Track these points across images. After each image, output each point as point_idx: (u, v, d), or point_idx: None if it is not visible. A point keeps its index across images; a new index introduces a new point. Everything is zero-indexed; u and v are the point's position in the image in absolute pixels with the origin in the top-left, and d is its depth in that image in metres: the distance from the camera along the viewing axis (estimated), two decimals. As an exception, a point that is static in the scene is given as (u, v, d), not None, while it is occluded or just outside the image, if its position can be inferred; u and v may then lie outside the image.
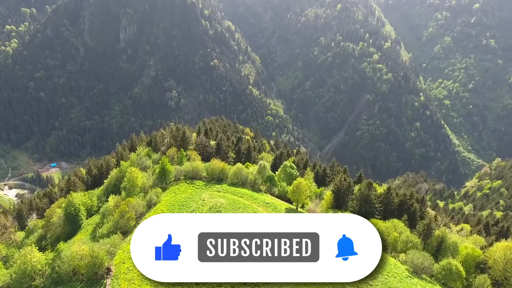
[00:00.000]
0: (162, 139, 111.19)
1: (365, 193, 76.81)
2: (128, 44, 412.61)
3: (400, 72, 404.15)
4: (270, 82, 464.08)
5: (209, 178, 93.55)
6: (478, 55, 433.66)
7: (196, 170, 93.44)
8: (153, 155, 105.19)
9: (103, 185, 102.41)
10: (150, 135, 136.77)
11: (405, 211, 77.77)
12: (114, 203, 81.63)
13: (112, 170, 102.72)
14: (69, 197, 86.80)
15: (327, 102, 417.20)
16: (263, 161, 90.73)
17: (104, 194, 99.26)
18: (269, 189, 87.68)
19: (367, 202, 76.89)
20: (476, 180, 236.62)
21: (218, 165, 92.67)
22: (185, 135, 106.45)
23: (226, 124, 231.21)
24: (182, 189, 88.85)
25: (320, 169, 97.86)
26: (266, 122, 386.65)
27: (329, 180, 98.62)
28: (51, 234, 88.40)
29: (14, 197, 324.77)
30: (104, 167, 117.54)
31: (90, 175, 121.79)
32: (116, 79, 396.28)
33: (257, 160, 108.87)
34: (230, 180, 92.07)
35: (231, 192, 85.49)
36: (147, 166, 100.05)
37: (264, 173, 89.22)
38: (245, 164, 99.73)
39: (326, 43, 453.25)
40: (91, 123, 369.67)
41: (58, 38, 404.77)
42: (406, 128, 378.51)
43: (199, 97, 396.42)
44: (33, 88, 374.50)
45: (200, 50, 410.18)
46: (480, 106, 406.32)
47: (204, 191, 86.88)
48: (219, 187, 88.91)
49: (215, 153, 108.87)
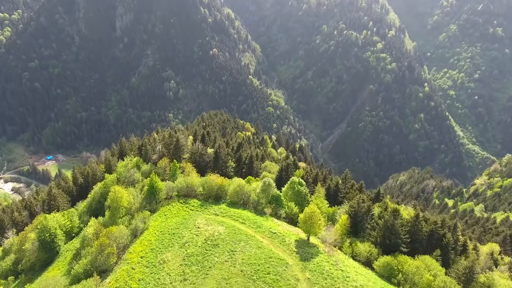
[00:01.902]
0: (153, 147, 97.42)
1: (389, 223, 63.76)
2: (124, 32, 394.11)
3: (404, 62, 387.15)
4: (271, 71, 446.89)
5: (205, 196, 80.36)
6: (485, 44, 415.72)
7: (191, 186, 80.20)
8: (143, 166, 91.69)
9: (87, 201, 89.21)
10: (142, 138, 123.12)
11: (436, 243, 64.90)
12: (94, 230, 68.60)
13: (96, 185, 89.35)
14: (43, 221, 73.71)
15: (329, 93, 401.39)
16: (267, 178, 77.28)
17: (87, 212, 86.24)
18: (275, 211, 74.58)
19: (391, 233, 63.92)
20: (486, 178, 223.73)
21: (215, 181, 79.36)
22: (179, 143, 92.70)
23: (226, 119, 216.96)
24: (174, 211, 75.70)
25: (332, 184, 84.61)
26: (267, 114, 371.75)
27: (342, 196, 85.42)
28: (26, 261, 75.78)
29: (10, 191, 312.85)
30: (90, 176, 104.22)
31: (76, 184, 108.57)
32: (113, 69, 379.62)
33: (260, 170, 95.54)
34: (229, 198, 78.92)
35: (231, 215, 72.37)
36: (135, 180, 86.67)
37: (269, 192, 75.97)
38: (247, 178, 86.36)
39: (328, 31, 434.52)
40: (88, 114, 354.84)
41: (53, 26, 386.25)
42: (410, 120, 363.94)
43: (198, 87, 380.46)
44: (27, 79, 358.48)
45: (199, 39, 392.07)
46: (485, 97, 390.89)
47: (200, 214, 73.79)
48: (216, 208, 75.72)
49: (213, 162, 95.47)
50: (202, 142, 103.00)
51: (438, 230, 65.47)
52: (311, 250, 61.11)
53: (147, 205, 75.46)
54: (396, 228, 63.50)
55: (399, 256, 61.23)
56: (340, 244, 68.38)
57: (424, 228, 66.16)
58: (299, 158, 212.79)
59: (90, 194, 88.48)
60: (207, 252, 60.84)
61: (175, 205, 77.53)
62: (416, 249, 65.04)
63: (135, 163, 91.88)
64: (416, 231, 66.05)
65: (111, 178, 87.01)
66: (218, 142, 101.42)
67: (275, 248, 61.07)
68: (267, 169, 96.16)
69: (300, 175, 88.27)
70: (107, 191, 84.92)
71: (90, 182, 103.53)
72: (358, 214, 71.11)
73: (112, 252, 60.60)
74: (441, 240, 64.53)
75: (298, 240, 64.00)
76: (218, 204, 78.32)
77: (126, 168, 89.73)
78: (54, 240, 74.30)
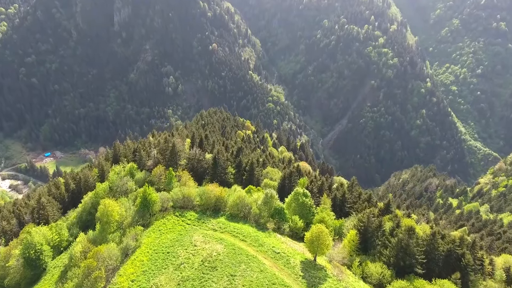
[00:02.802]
0: (148, 152, 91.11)
1: (404, 242, 57.81)
2: (122, 27, 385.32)
3: (406, 57, 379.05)
4: (271, 66, 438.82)
5: (203, 208, 74.33)
6: (488, 39, 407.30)
7: (188, 197, 74.13)
8: (136, 174, 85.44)
9: (77, 211, 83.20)
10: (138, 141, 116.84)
11: (454, 263, 59.00)
12: (82, 248, 62.65)
13: (87, 194, 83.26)
14: (28, 236, 67.73)
15: (330, 88, 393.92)
16: (270, 190, 71.15)
17: (77, 224, 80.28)
18: (278, 225, 68.62)
19: (406, 253, 57.99)
20: (491, 176, 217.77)
21: (214, 192, 73.28)
22: (175, 148, 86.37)
23: (225, 118, 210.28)
24: (169, 225, 69.68)
25: (339, 193, 78.54)
26: (267, 109, 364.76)
27: (348, 207, 79.47)
28: (11, 278, 69.98)
29: (8, 189, 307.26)
30: (83, 182, 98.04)
31: (68, 190, 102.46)
32: (111, 64, 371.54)
33: (261, 177, 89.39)
34: (229, 210, 72.94)
35: (230, 231, 66.37)
36: (128, 190, 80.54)
37: (271, 204, 69.95)
38: (247, 187, 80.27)
39: (329, 26, 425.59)
40: (86, 110, 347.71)
41: (49, 20, 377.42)
42: (412, 116, 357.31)
43: (197, 83, 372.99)
44: (24, 74, 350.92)
45: (198, 34, 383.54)
46: (488, 92, 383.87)
47: (197, 229, 67.79)
48: (215, 222, 69.72)
49: (212, 168, 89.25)
50: (200, 147, 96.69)
51: (457, 249, 59.54)
52: (318, 274, 55.26)
53: (139, 219, 69.34)
54: (411, 248, 57.58)
55: (415, 280, 55.37)
56: (349, 263, 62.60)
57: (441, 247, 60.21)
58: (300, 156, 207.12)
59: (81, 204, 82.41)
60: (204, 276, 54.94)
61: (170, 219, 71.49)
62: (431, 269, 59.20)
63: (129, 171, 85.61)
64: (432, 250, 60.14)
65: (102, 187, 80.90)
66: (216, 147, 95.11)
67: (279, 272, 55.17)
68: (268, 176, 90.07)
69: (304, 184, 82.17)
70: (98, 202, 79.06)
71: (82, 188, 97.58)
72: (368, 229, 65.16)
73: (100, 276, 54.68)
74: (460, 260, 58.61)
75: (304, 262, 58.07)
76: (217, 217, 72.37)
77: (119, 176, 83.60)
78: (40, 257, 68.40)
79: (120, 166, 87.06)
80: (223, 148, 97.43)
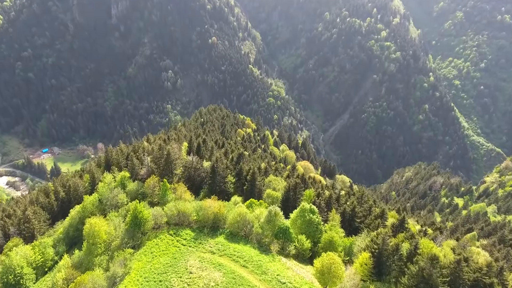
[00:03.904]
0: (141, 161, 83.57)
1: (426, 272, 50.68)
2: (120, 20, 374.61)
3: (409, 51, 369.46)
4: (272, 60, 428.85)
5: (200, 225, 67.15)
6: (492, 32, 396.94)
7: (183, 213, 66.89)
8: (128, 184, 78.07)
9: (64, 225, 76.03)
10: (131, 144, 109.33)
11: (481, 294, 52.00)
12: (65, 276, 55.55)
13: (74, 208, 76.07)
14: (6, 260, 60.63)
15: (332, 82, 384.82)
16: (273, 207, 63.77)
17: (63, 240, 73.19)
18: (283, 246, 61.44)
19: (428, 284, 50.89)
20: (497, 175, 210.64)
21: (212, 208, 66.00)
22: (170, 157, 78.86)
23: (225, 115, 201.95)
24: (163, 246, 62.47)
25: (348, 207, 71.35)
26: (267, 104, 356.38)
27: (359, 221, 72.30)
28: (-10, 302, 63.18)
29: (5, 185, 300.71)
30: (72, 191, 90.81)
31: (57, 198, 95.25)
32: (109, 59, 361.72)
33: (263, 187, 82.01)
34: (229, 228, 65.77)
35: (230, 254, 59.18)
36: (119, 203, 73.27)
37: (275, 222, 62.68)
38: (248, 201, 72.96)
39: (331, 19, 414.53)
40: (84, 106, 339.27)
41: (46, 14, 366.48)
42: (414, 111, 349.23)
43: (197, 77, 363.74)
44: (20, 69, 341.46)
45: (197, 27, 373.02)
46: (491, 87, 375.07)
47: (193, 251, 60.61)
48: (213, 242, 62.51)
49: (210, 177, 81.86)
50: (197, 153, 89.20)
51: (484, 279, 52.45)
52: (330, 310, 48.30)
53: (129, 241, 62.12)
54: (434, 279, 50.47)
55: (440, 317, 48.32)
56: (362, 292, 55.60)
57: (467, 275, 53.10)
58: (302, 155, 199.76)
59: (68, 218, 75.26)
60: (201, 313, 47.95)
61: (163, 238, 64.29)
62: (456, 301, 52.15)
63: (120, 181, 78.24)
64: (456, 279, 53.04)
65: (91, 200, 73.66)
66: (215, 154, 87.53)
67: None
68: (271, 186, 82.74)
69: (310, 197, 74.88)
70: (86, 216, 72.04)
71: (72, 198, 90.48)
72: (384, 253, 57.93)
73: (82, 312, 47.71)
74: (488, 291, 51.55)
75: (313, 293, 51.09)
76: (215, 235, 65.18)
77: (109, 187, 76.31)
78: (20, 281, 61.40)
79: (111, 176, 79.59)
80: (222, 154, 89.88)
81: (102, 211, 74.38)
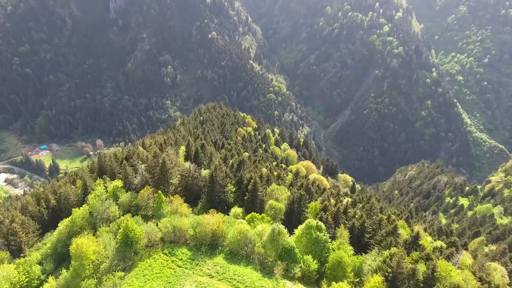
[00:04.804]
0: (135, 169, 77.63)
1: (448, 304, 45.28)
2: (119, 14, 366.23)
3: (411, 46, 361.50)
4: (272, 55, 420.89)
5: (197, 242, 61.51)
6: (496, 27, 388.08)
7: (179, 230, 61.23)
8: (121, 195, 72.28)
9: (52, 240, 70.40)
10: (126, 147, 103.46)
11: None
12: (48, 303, 50.09)
13: (62, 221, 70.49)
14: (-15, 283, 55.28)
15: (333, 78, 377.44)
16: (277, 225, 58.09)
17: (51, 256, 67.62)
18: (287, 268, 55.85)
19: (450, 317, 45.47)
20: (503, 175, 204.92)
21: (210, 225, 60.31)
22: (165, 165, 72.95)
23: (225, 113, 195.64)
24: (157, 268, 56.85)
25: (358, 222, 65.72)
26: (268, 100, 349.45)
27: (369, 237, 66.68)
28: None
29: (3, 183, 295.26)
30: (63, 199, 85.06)
31: (48, 207, 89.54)
32: (107, 54, 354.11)
33: (266, 198, 76.28)
34: (228, 246, 60.19)
35: (230, 278, 53.61)
36: (110, 218, 67.58)
37: (279, 242, 57.04)
38: (250, 215, 67.25)
39: (332, 13, 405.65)
40: (82, 102, 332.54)
41: (43, 8, 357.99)
42: (417, 107, 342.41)
43: (196, 73, 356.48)
44: (18, 64, 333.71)
45: (197, 21, 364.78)
46: (494, 83, 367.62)
47: (189, 274, 55.04)
48: (211, 264, 56.92)
49: (209, 187, 76.12)
50: (195, 161, 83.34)
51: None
52: None
53: (119, 262, 56.47)
54: (458, 312, 45.06)
55: None
56: (375, 321, 50.23)
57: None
58: (303, 154, 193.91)
59: (56, 232, 69.66)
60: None
61: (157, 258, 58.66)
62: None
63: (112, 192, 72.50)
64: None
65: (80, 213, 67.96)
66: (214, 162, 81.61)
67: None
68: (274, 196, 77.05)
69: (316, 210, 69.18)
70: (75, 231, 66.51)
71: (63, 207, 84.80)
72: (398, 277, 52.44)
73: None
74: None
75: (322, 327, 45.57)
76: (214, 255, 59.56)
77: (100, 198, 70.61)
78: (0, 307, 56.00)
79: (102, 187, 73.79)
80: (221, 162, 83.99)
81: (93, 225, 68.80)
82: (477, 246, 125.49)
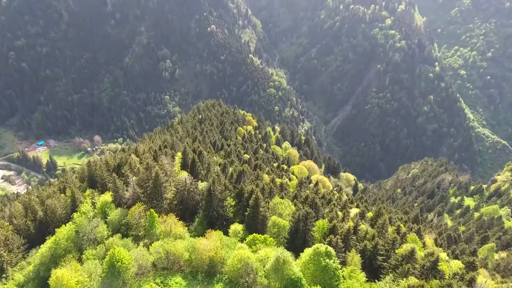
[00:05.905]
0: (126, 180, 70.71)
1: None
2: (116, 7, 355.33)
3: (414, 39, 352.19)
4: (273, 49, 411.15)
5: (193, 270, 54.93)
6: (500, 20, 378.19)
7: (173, 255, 54.59)
8: (111, 212, 65.46)
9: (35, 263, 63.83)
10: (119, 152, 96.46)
11: None
12: None
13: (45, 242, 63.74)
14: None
15: (334, 72, 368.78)
16: (281, 251, 51.55)
17: (33, 280, 61.08)
18: (293, 302, 49.50)
19: None
20: (509, 174, 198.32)
21: (207, 251, 53.61)
22: (159, 179, 66.02)
23: (224, 111, 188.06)
24: (147, 302, 50.43)
25: (370, 243, 59.18)
26: (268, 95, 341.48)
27: (382, 259, 60.07)
28: None
29: (0, 179, 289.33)
30: (49, 213, 78.28)
31: (35, 219, 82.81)
32: (105, 48, 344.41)
33: (268, 213, 69.48)
34: (228, 274, 53.65)
35: (229, 315, 47.26)
36: (98, 238, 60.83)
37: (284, 273, 50.44)
38: (251, 237, 60.52)
39: (334, 6, 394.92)
40: (79, 97, 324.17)
41: (39, 1, 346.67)
42: (419, 102, 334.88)
43: (195, 67, 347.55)
44: (14, 59, 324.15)
45: (196, 14, 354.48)
46: (498, 77, 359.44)
47: (184, 309, 48.61)
48: (209, 296, 50.50)
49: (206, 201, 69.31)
50: (191, 172, 76.41)
51: None
52: None
53: (106, 297, 49.96)
54: None
55: None
56: None
57: None
58: (305, 152, 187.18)
59: (38, 254, 62.96)
60: None
61: (149, 289, 52.13)
62: None
63: (100, 209, 65.71)
64: None
65: (65, 234, 61.17)
66: (212, 173, 74.62)
67: None
68: (277, 211, 70.37)
69: (323, 229, 62.50)
70: (59, 254, 59.87)
71: (50, 220, 78.12)
72: (419, 315, 45.91)
73: None
74: None
75: None
76: (211, 284, 53.09)
77: (86, 216, 63.83)
78: None
79: (89, 204, 66.94)
80: (220, 172, 77.02)
81: (79, 246, 62.08)
82: (487, 254, 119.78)
